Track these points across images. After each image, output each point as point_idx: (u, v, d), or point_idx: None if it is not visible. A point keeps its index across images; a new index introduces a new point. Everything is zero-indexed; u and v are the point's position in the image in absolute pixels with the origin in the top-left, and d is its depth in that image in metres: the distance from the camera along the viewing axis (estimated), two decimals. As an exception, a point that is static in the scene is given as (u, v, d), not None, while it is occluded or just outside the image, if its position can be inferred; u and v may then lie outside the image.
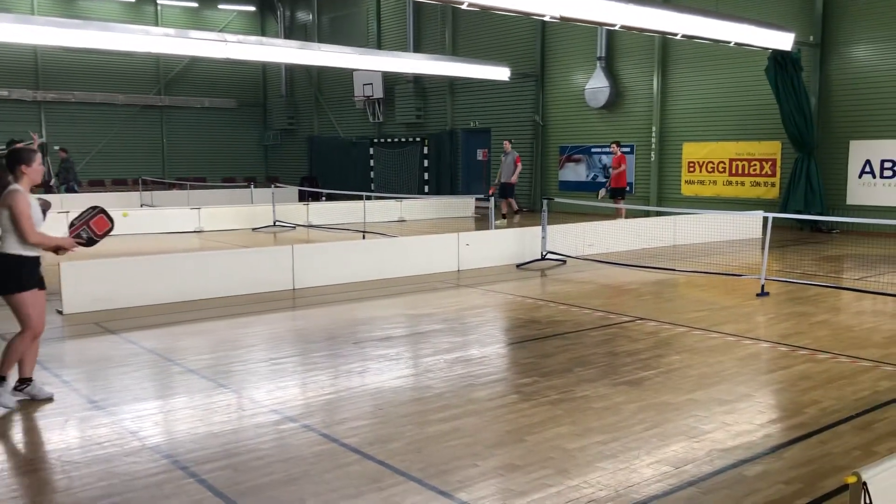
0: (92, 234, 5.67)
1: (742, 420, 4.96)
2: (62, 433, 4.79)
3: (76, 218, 5.71)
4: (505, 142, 19.61)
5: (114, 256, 10.20)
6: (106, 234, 5.75)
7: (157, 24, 29.94)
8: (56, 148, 26.93)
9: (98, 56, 28.94)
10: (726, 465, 4.24)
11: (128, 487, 3.99)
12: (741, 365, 6.34)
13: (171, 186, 28.67)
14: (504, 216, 18.95)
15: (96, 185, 29.72)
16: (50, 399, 5.37)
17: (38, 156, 5.39)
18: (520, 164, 18.90)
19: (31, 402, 5.36)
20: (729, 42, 14.92)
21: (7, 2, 28.13)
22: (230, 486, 3.99)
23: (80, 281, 8.53)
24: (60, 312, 8.32)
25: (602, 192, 17.64)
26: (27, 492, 3.95)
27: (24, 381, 5.36)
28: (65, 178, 23.71)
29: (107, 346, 7.09)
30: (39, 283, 5.34)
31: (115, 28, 16.48)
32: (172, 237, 16.15)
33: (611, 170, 17.59)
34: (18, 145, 5.35)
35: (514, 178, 18.80)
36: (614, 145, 17.73)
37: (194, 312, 8.61)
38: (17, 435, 4.77)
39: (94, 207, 5.74)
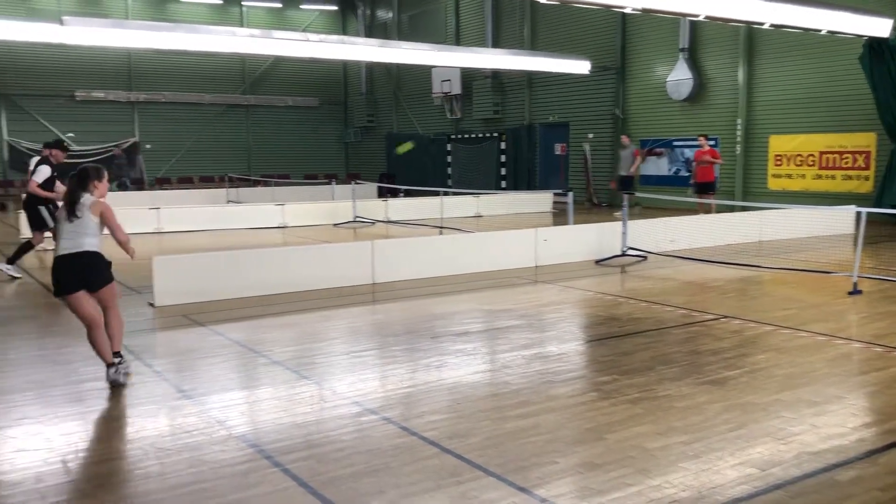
0: None
1: (833, 423, 4.78)
2: (154, 421, 5.00)
3: None
4: (623, 136, 19.92)
5: (202, 251, 10.57)
6: None
7: (242, 25, 30.83)
8: (147, 147, 28.04)
9: (187, 57, 29.99)
10: (816, 468, 4.09)
11: (216, 475, 4.13)
12: (832, 366, 6.11)
13: (255, 183, 29.48)
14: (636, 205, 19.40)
15: (185, 182, 30.83)
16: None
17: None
18: (639, 157, 19.32)
19: (126, 392, 5.61)
20: (820, 30, 14.33)
21: (103, 8, 29.44)
22: (313, 476, 4.09)
23: (171, 275, 8.87)
24: (152, 305, 8.67)
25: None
26: (124, 476, 4.14)
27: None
28: (118, 175, 24.58)
29: (195, 337, 7.35)
30: None
31: (202, 30, 17.03)
32: (257, 232, 16.60)
33: (693, 164, 17.21)
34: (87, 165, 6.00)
35: (633, 170, 19.34)
36: (702, 138, 17.32)
37: (278, 305, 8.84)
38: (113, 422, 5.00)
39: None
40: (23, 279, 10.71)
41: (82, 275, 5.72)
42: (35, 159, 10.78)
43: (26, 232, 12.27)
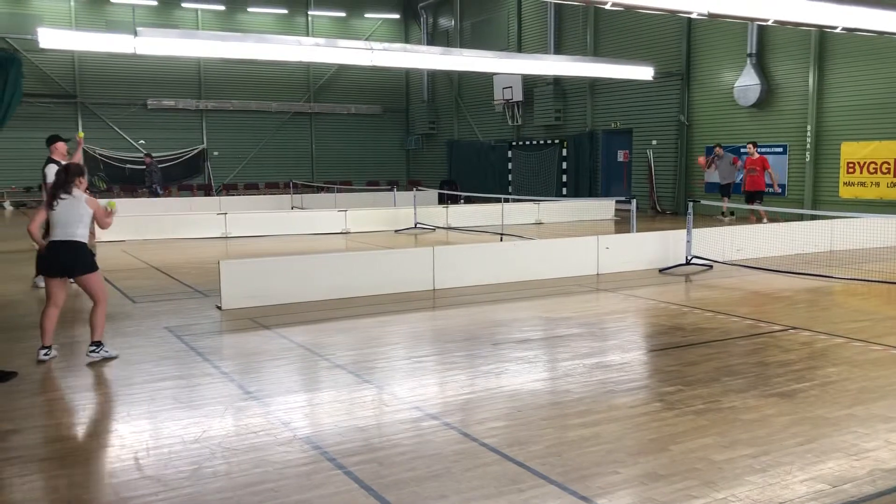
0: None
1: (909, 440, 4.62)
2: (222, 421, 5.12)
3: None
4: (717, 147, 19.88)
5: (267, 256, 10.79)
6: None
7: (307, 35, 31.38)
8: (215, 154, 28.75)
9: (253, 66, 30.68)
10: (891, 486, 3.95)
11: (280, 475, 4.21)
12: (908, 380, 5.89)
13: (319, 189, 29.96)
14: (732, 213, 19.45)
15: (251, 188, 31.52)
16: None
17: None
18: (738, 162, 19.24)
19: (194, 392, 5.77)
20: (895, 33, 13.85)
21: (175, 19, 30.36)
22: (375, 479, 4.13)
23: (238, 279, 9.08)
24: (219, 308, 8.89)
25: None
26: (190, 474, 4.25)
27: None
28: (150, 182, 25.05)
29: (261, 340, 7.51)
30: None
31: (269, 39, 17.42)
32: (320, 238, 16.86)
33: (742, 171, 17.05)
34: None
35: (735, 178, 19.43)
36: (751, 146, 16.99)
37: (341, 310, 8.96)
38: (181, 421, 5.14)
39: None
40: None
41: (67, 263, 6.52)
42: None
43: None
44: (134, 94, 30.05)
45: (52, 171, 10.08)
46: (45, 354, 6.62)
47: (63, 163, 10.39)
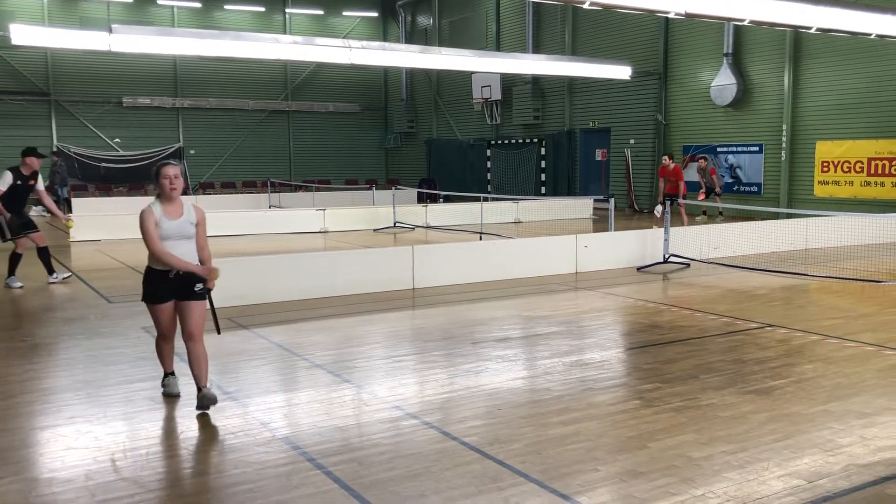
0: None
1: (883, 435, 4.67)
2: (200, 422, 5.08)
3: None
4: (700, 159, 20.36)
5: (245, 255, 10.71)
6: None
7: (285, 32, 31.22)
8: (191, 152, 28.54)
9: (231, 64, 30.47)
10: (866, 481, 4.00)
11: (259, 476, 4.18)
12: (881, 376, 5.97)
13: (297, 188, 29.81)
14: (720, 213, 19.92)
15: (228, 186, 31.29)
16: (177, 395, 5.55)
17: (166, 169, 5.32)
18: (716, 172, 20.25)
19: (165, 397, 5.72)
20: (869, 34, 14.03)
21: (150, 16, 30.06)
22: (355, 479, 4.12)
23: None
24: (197, 307, 8.81)
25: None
26: (167, 476, 4.21)
27: (165, 374, 5.70)
28: (62, 182, 24.64)
29: (239, 340, 7.45)
30: (167, 296, 5.34)
31: (246, 37, 17.29)
32: (298, 237, 16.78)
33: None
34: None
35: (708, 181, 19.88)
36: (666, 157, 17.24)
37: (319, 309, 8.92)
38: (158, 422, 5.09)
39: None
40: (71, 279, 10.97)
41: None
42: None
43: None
44: (109, 92, 29.71)
45: (7, 178, 10.14)
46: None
47: (24, 174, 10.35)
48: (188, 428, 4.96)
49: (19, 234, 10.49)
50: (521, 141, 27.62)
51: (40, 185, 10.60)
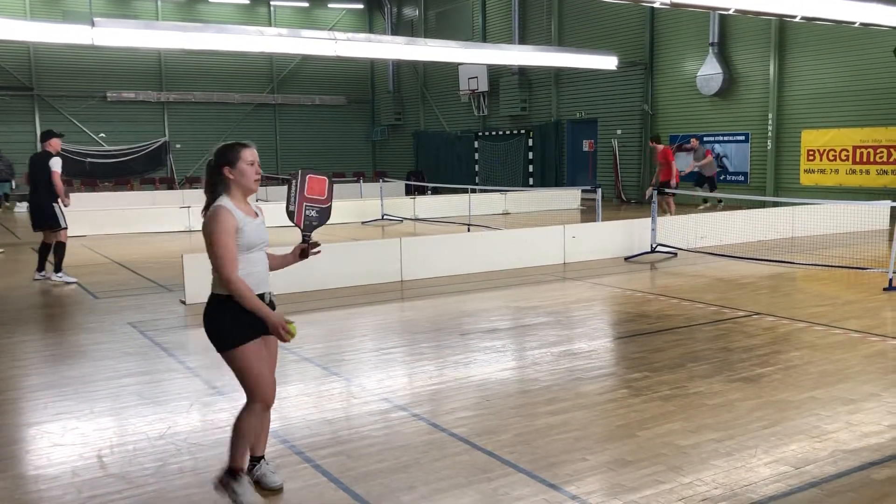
0: (317, 204, 4.17)
1: (868, 420, 4.71)
2: (188, 417, 5.06)
3: (288, 203, 4.14)
4: (692, 139, 19.86)
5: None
6: (330, 191, 4.20)
7: (270, 25, 31.03)
8: (177, 146, 28.30)
9: (216, 57, 30.26)
10: (852, 467, 4.03)
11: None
12: (867, 363, 6.01)
13: (284, 181, 29.68)
14: (719, 201, 19.21)
15: (215, 181, 31.07)
16: (280, 489, 3.91)
17: (247, 151, 3.92)
18: (710, 154, 19.51)
19: (158, 388, 5.68)
20: (854, 23, 14.09)
21: (134, 10, 29.81)
22: (343, 471, 4.11)
23: (202, 273, 8.91)
24: (183, 302, 8.77)
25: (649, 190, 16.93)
26: (155, 471, 4.19)
27: (253, 460, 3.97)
28: (7, 177, 24.37)
29: (226, 334, 7.40)
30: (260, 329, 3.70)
31: (231, 30, 17.19)
32: (286, 230, 16.69)
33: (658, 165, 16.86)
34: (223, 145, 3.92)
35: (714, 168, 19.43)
36: (651, 141, 17.17)
37: (307, 302, 8.89)
38: (146, 417, 5.06)
39: (294, 175, 4.13)
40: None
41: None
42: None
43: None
44: (93, 87, 29.47)
45: (57, 162, 10.24)
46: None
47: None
48: (176, 423, 4.93)
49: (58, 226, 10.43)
50: (508, 132, 27.60)
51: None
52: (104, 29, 14.36)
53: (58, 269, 10.45)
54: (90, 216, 16.83)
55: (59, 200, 10.33)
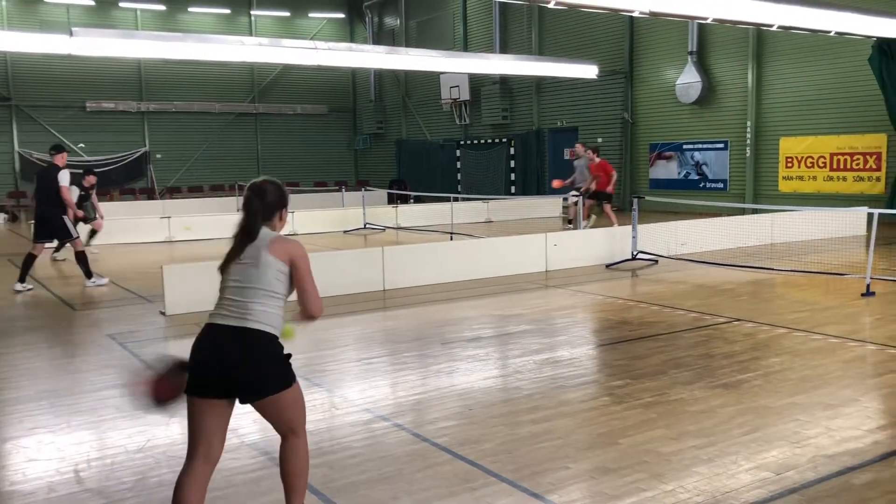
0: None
1: (848, 426, 4.74)
2: (167, 429, 5.00)
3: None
4: (577, 144, 18.34)
5: (213, 260, 10.59)
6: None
7: (251, 34, 30.94)
8: (157, 156, 28.04)
9: (196, 67, 30.14)
10: (831, 472, 4.05)
11: (228, 482, 4.13)
12: (846, 368, 6.06)
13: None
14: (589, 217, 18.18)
15: (195, 190, 30.94)
16: None
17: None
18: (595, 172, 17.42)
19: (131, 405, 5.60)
20: (829, 31, 14.27)
21: (113, 19, 29.64)
22: (325, 483, 4.08)
23: (181, 283, 8.88)
24: (163, 314, 8.69)
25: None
26: (133, 485, 4.14)
27: None
28: None
29: (207, 345, 7.34)
30: None
31: (211, 39, 17.13)
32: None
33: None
34: (271, 181, 3.72)
35: (588, 185, 17.04)
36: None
37: (288, 313, 8.81)
38: (124, 431, 5.00)
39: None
40: (34, 289, 10.76)
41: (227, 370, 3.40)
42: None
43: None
44: (72, 96, 29.23)
45: (66, 176, 10.48)
46: None
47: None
48: (155, 436, 4.88)
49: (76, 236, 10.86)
50: (490, 141, 27.67)
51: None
52: (82, 38, 14.26)
53: (88, 275, 10.85)
54: (69, 227, 16.65)
55: (69, 213, 10.65)
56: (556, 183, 17.41)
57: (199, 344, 3.48)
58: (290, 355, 3.56)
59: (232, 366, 3.37)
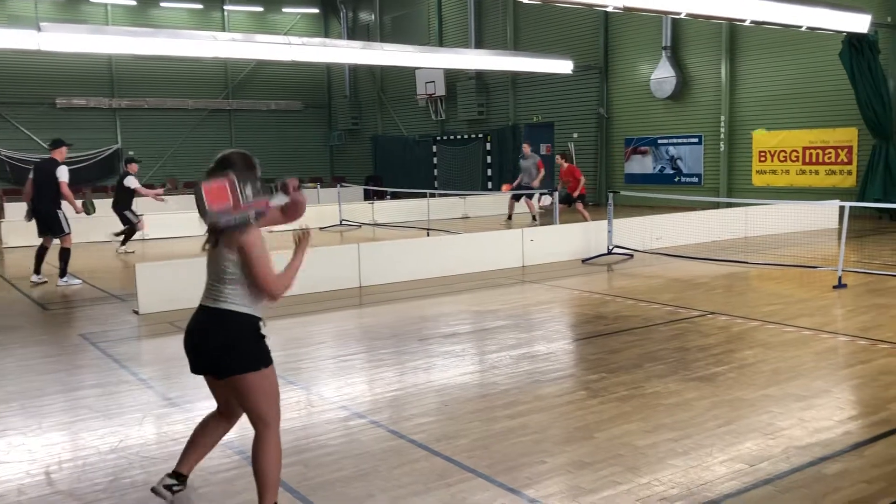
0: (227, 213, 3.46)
1: (820, 416, 4.80)
2: (140, 429, 4.95)
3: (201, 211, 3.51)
4: (524, 144, 18.60)
5: (186, 257, 10.48)
6: (235, 195, 3.47)
7: (224, 30, 30.69)
8: (130, 153, 27.66)
9: (168, 63, 29.79)
10: (804, 462, 4.10)
11: (203, 482, 4.09)
12: (818, 360, 6.13)
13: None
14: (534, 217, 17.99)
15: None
16: None
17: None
18: (542, 170, 17.78)
19: (111, 400, 5.55)
20: (801, 27, 14.43)
21: (83, 14, 29.22)
22: (301, 481, 4.05)
23: (154, 282, 8.79)
24: (136, 312, 8.59)
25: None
26: (106, 487, 4.08)
27: (179, 477, 3.80)
28: None
29: (180, 344, 7.26)
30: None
31: (184, 35, 16.94)
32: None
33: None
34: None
35: (535, 182, 17.64)
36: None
37: (264, 310, 8.75)
38: (97, 431, 4.93)
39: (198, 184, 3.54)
40: (4, 290, 10.60)
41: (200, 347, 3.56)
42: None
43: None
44: (41, 93, 28.78)
45: (64, 172, 10.56)
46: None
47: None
48: (128, 437, 4.82)
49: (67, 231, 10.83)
50: (466, 136, 27.66)
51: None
52: (51, 34, 14.05)
53: (62, 274, 10.78)
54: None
55: (64, 207, 10.75)
56: (505, 188, 17.82)
57: (187, 326, 3.64)
58: (263, 337, 3.62)
59: (202, 342, 3.52)
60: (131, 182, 14.17)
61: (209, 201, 3.39)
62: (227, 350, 3.48)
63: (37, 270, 10.91)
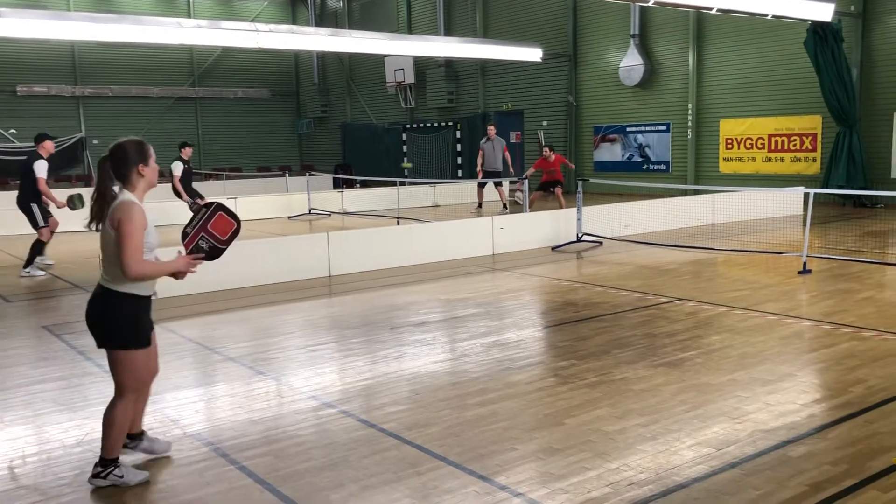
0: (213, 241, 4.18)
1: (785, 400, 4.87)
2: (106, 422, 4.87)
3: (188, 225, 4.18)
4: (489, 126, 18.43)
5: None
6: (232, 237, 4.22)
7: (189, 16, 30.20)
8: (94, 142, 27.24)
9: (133, 50, 29.30)
10: (769, 446, 4.16)
11: (171, 475, 4.05)
12: (783, 344, 6.23)
13: (207, 177, 29.01)
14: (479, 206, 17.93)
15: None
16: (168, 449, 4.31)
17: (152, 149, 4.19)
18: (507, 155, 17.87)
19: (76, 392, 5.46)
20: (766, 15, 14.58)
21: (44, 0, 28.58)
22: (270, 472, 4.03)
23: (121, 272, 8.64)
24: (102, 303, 8.46)
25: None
26: (72, 480, 4.02)
27: (132, 438, 4.23)
28: None
29: (148, 335, 7.18)
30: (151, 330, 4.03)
31: (148, 21, 16.65)
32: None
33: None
34: (123, 140, 4.14)
35: (498, 165, 17.68)
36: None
37: (233, 301, 8.70)
38: (61, 424, 4.86)
39: (208, 206, 4.22)
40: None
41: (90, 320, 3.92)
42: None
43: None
44: (1, 81, 28.15)
45: (42, 167, 10.58)
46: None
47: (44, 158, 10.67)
48: (94, 430, 4.74)
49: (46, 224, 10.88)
50: (436, 124, 27.58)
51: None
52: (11, 20, 13.73)
53: (26, 264, 10.73)
54: (1, 215, 16.10)
55: (41, 202, 10.76)
56: (479, 174, 17.80)
57: None
58: (138, 319, 3.88)
59: (87, 318, 3.90)
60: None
61: None
62: (100, 326, 3.86)
63: (27, 263, 10.81)
